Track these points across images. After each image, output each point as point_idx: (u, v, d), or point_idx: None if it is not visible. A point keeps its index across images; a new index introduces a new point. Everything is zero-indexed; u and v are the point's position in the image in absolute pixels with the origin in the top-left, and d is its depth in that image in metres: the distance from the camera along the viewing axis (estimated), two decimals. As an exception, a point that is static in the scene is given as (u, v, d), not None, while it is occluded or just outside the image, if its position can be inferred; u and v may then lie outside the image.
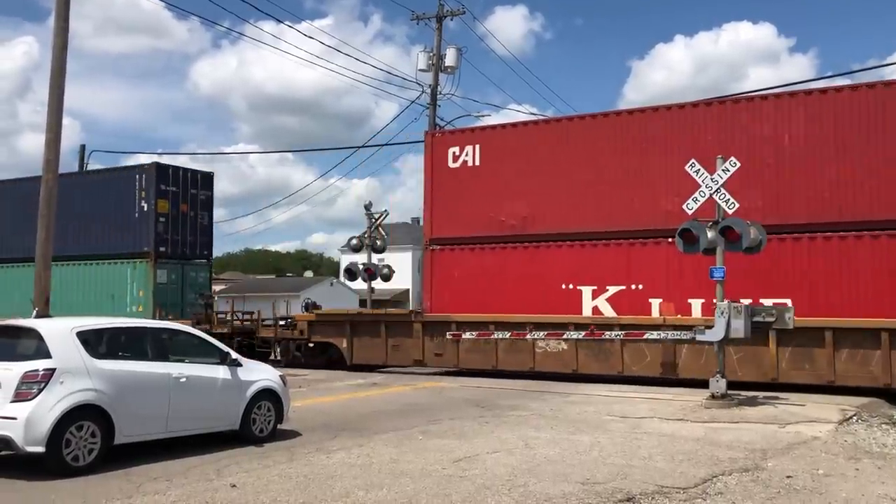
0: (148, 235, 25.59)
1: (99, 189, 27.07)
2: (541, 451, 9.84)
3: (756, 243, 14.52)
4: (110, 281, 26.23)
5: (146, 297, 25.07)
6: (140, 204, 25.96)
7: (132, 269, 25.82)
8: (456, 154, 21.14)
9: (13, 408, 8.24)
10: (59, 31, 16.01)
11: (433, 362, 20.64)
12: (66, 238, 25.14)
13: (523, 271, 19.87)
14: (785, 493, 7.84)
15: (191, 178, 26.88)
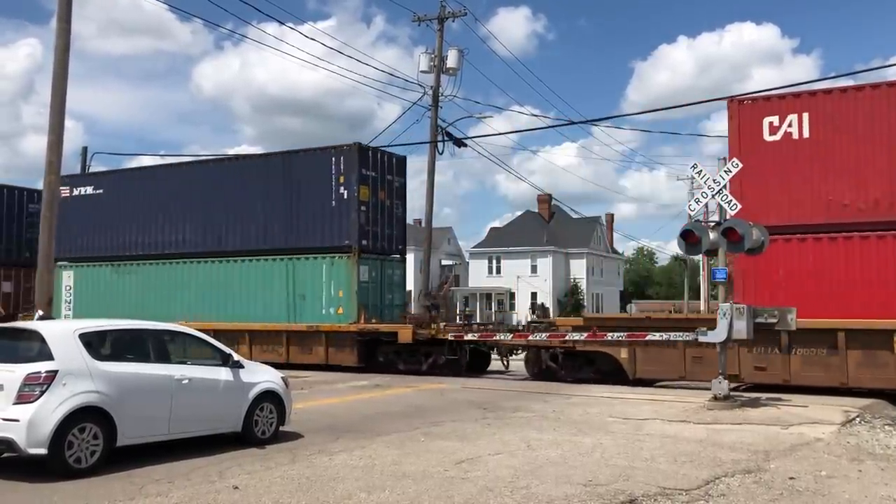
0: (349, 227, 22.00)
1: (285, 174, 23.33)
2: (543, 452, 9.83)
3: (758, 244, 14.51)
4: (301, 279, 22.69)
5: (347, 298, 21.82)
6: (339, 191, 22.22)
7: (329, 265, 22.27)
8: (774, 125, 17.35)
9: (16, 410, 8.24)
10: (61, 32, 16.05)
11: (752, 378, 17.00)
12: (245, 231, 23.64)
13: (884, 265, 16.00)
14: (788, 494, 7.82)
15: (387, 163, 23.42)
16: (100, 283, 26.30)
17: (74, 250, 26.58)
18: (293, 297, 22.72)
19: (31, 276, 28.89)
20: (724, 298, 14.30)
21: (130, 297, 25.21)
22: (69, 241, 25.97)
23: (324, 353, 21.69)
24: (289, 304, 22.73)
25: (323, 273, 22.40)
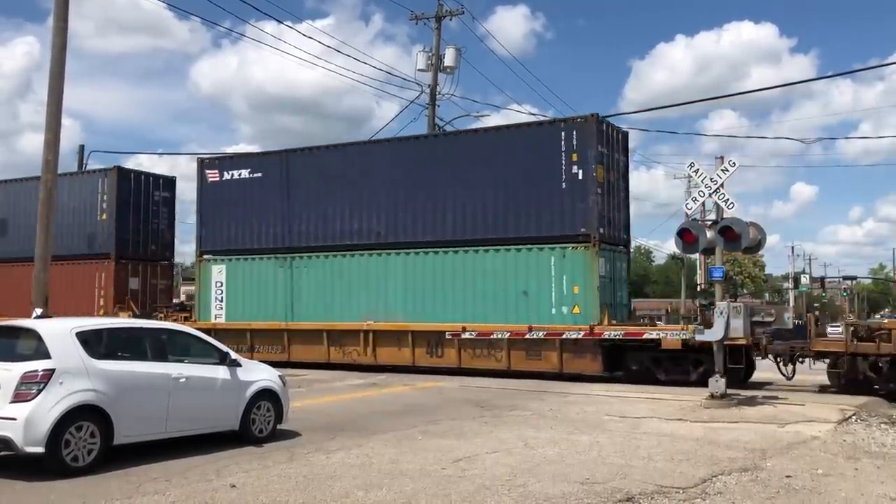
0: (585, 212, 18.85)
1: (498, 153, 20.23)
2: (540, 450, 9.84)
3: (755, 243, 14.54)
4: (522, 274, 19.48)
5: (585, 295, 18.64)
6: (571, 170, 19.06)
7: (559, 257, 19.07)
8: None
9: (13, 408, 8.23)
10: (57, 31, 16.01)
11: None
12: (446, 218, 20.79)
13: None
14: (784, 492, 7.84)
15: (615, 138, 20.40)
16: (259, 278, 23.29)
17: (225, 241, 23.94)
18: (512, 294, 19.56)
19: (157, 272, 27.50)
20: (720, 297, 14.33)
21: (302, 293, 22.58)
22: (219, 231, 23.97)
23: (557, 359, 18.80)
24: (507, 302, 19.62)
25: (551, 266, 19.19)
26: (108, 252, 26.24)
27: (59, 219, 25.86)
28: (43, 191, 15.93)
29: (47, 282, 15.72)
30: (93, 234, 26.62)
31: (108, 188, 26.51)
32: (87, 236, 26.69)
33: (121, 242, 26.30)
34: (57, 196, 21.64)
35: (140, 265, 27.05)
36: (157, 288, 27.59)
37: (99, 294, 26.11)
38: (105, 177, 26.75)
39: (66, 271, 25.47)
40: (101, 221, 26.51)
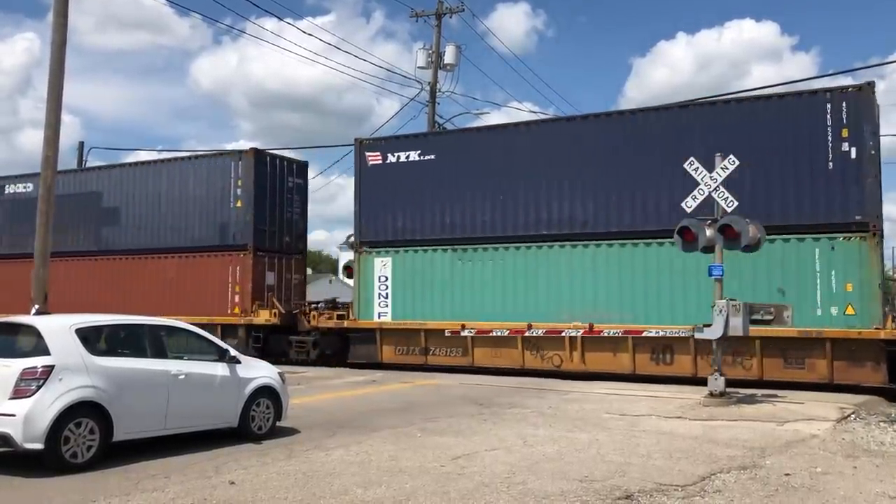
0: (863, 197, 16.34)
1: (733, 130, 17.33)
2: (539, 448, 9.84)
3: (755, 241, 14.52)
4: (776, 268, 16.69)
5: (861, 294, 16.10)
6: (840, 147, 16.59)
7: (825, 249, 16.45)
8: None
9: (12, 405, 8.23)
10: (57, 27, 15.99)
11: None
12: (654, 205, 18.14)
13: None
14: (783, 490, 7.85)
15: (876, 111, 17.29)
16: (434, 271, 20.82)
17: (390, 231, 21.50)
18: (767, 290, 16.70)
19: (291, 265, 24.63)
20: (719, 295, 14.31)
21: (485, 289, 20.12)
22: (381, 219, 21.59)
23: (826, 368, 16.40)
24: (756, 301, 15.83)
25: (815, 259, 16.59)
26: (244, 244, 23.36)
27: (184, 207, 24.34)
28: (42, 188, 15.91)
29: (47, 278, 15.69)
30: (225, 224, 23.84)
31: (244, 172, 23.58)
32: (218, 226, 23.92)
33: (258, 233, 23.42)
34: (185, 178, 24.47)
35: (276, 258, 24.16)
36: (291, 283, 24.73)
37: (233, 290, 23.41)
38: (240, 160, 23.70)
39: (193, 265, 23.95)
40: (237, 210, 23.58)
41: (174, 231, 24.71)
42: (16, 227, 27.28)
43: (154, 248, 24.97)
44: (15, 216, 27.60)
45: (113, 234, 25.99)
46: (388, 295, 21.42)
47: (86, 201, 26.45)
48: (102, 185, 26.47)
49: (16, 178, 28.34)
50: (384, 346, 21.41)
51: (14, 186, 28.18)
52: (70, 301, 22.54)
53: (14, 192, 28.15)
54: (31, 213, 24.26)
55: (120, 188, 26.03)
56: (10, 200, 28.23)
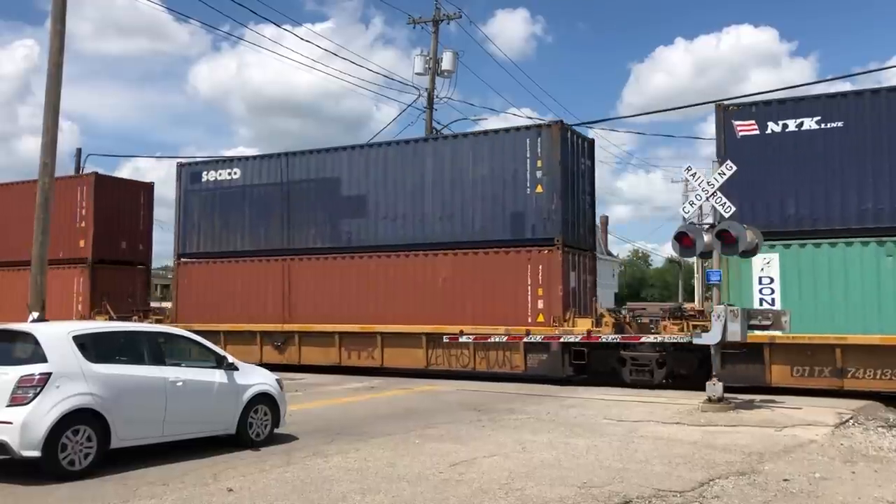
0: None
1: None
2: (537, 454, 9.83)
3: (752, 246, 14.54)
4: None
5: None
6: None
7: None
8: None
9: (9, 412, 8.21)
10: (55, 34, 16.03)
11: None
12: None
13: None
14: (782, 496, 7.84)
15: None
16: (856, 271, 16.05)
17: (778, 220, 16.87)
18: None
19: (586, 264, 20.60)
20: (717, 300, 14.33)
21: None
22: (761, 204, 16.98)
23: None
24: None
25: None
26: (550, 237, 19.24)
27: (460, 193, 20.27)
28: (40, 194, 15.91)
29: (45, 285, 15.68)
30: (519, 214, 19.82)
31: (546, 151, 19.49)
32: (509, 216, 19.95)
33: (565, 225, 19.50)
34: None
35: (577, 255, 20.19)
36: (587, 285, 20.74)
37: (534, 294, 19.29)
38: (539, 136, 19.72)
39: (474, 263, 20.09)
40: (536, 196, 19.58)
41: (446, 223, 20.59)
42: (217, 220, 24.03)
43: (416, 244, 20.88)
44: (215, 208, 24.07)
45: (358, 228, 21.78)
46: (775, 300, 16.77)
47: (320, 189, 22.52)
48: (341, 169, 22.32)
49: (217, 164, 24.65)
50: (773, 364, 16.71)
51: (215, 173, 24.18)
52: (311, 310, 21.86)
53: (216, 180, 24.09)
54: (239, 203, 23.46)
55: (366, 172, 21.87)
56: (207, 189, 24.25)
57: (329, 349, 21.71)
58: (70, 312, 25.34)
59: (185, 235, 24.49)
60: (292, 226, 22.83)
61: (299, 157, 23.00)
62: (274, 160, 23.38)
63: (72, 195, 26.14)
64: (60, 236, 24.64)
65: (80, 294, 25.85)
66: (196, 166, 24.98)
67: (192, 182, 24.52)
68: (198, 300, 23.85)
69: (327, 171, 22.50)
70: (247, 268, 23.28)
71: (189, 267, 24.48)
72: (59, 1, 16.04)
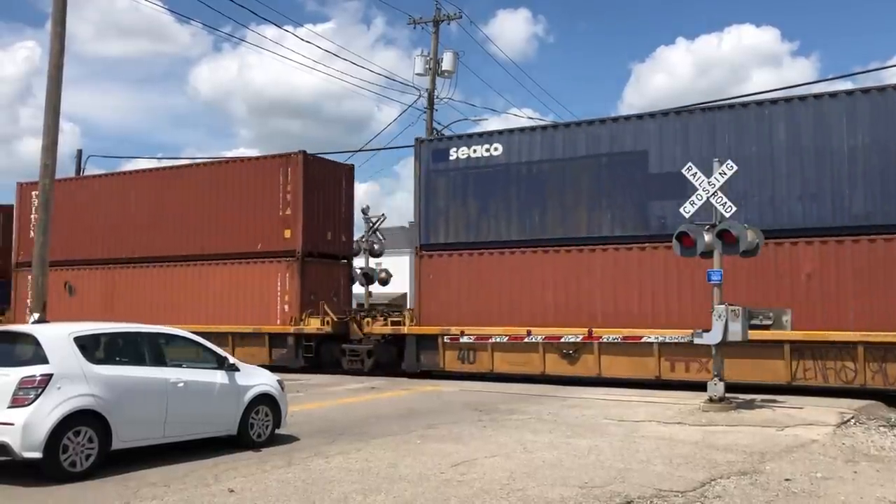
0: None
1: None
2: (539, 455, 9.83)
3: (753, 246, 14.53)
4: None
5: None
6: None
7: None
8: None
9: (10, 413, 8.21)
10: (55, 35, 16.03)
11: None
12: None
13: None
14: (783, 496, 7.84)
15: None
16: None
17: None
18: None
19: None
20: (718, 300, 14.31)
21: None
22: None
23: None
24: None
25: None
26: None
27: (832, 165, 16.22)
28: (41, 195, 15.91)
29: (46, 286, 15.68)
30: None
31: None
32: None
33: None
34: None
35: None
36: None
37: None
38: None
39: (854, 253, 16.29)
40: None
41: (809, 203, 16.73)
42: (472, 204, 20.40)
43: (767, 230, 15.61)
44: (468, 190, 20.44)
45: (674, 211, 16.08)
46: None
47: (616, 165, 18.92)
48: (648, 141, 18.54)
49: (469, 139, 20.99)
50: None
51: (467, 150, 20.56)
52: (611, 312, 18.16)
53: (467, 158, 20.50)
54: (501, 185, 19.68)
55: (683, 142, 18.03)
56: (457, 169, 20.61)
57: (644, 360, 17.68)
58: (272, 315, 22.37)
59: (429, 223, 20.78)
60: (578, 210, 19.09)
61: (585, 129, 19.47)
62: (549, 133, 20.02)
63: (273, 179, 22.78)
64: (258, 226, 22.72)
65: (286, 293, 22.26)
66: (440, 143, 21.50)
67: (435, 161, 20.83)
68: (448, 298, 20.19)
69: (627, 144, 18.73)
70: (515, 260, 19.60)
71: (435, 260, 20.63)
72: (60, 3, 16.05)
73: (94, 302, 25.31)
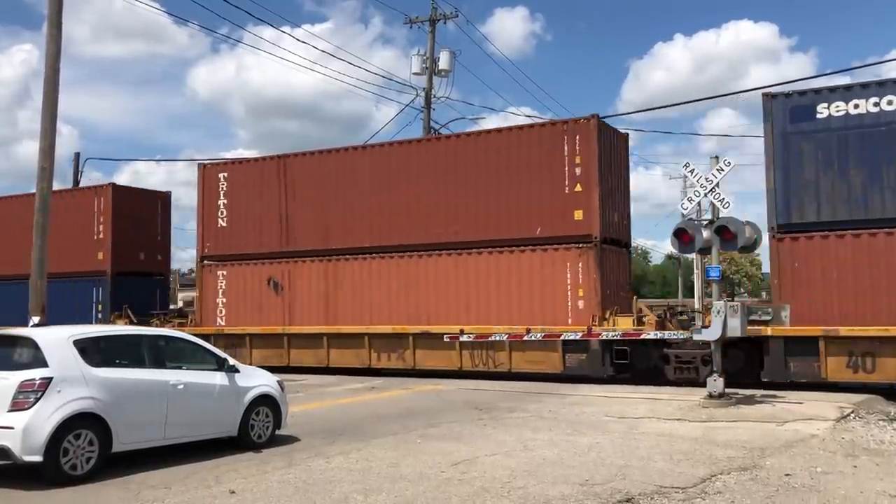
0: None
1: None
2: (539, 452, 9.84)
3: (751, 242, 14.56)
4: None
5: None
6: None
7: None
8: None
9: (10, 417, 8.22)
10: (51, 37, 16.00)
11: None
12: None
13: None
14: (784, 491, 7.85)
15: None
16: None
17: None
18: None
19: None
20: (717, 296, 14.33)
21: None
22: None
23: None
24: None
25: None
26: None
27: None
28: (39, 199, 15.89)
29: (44, 290, 15.66)
30: None
31: None
32: None
33: None
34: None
35: None
36: None
37: None
38: None
39: None
40: None
41: None
42: (855, 173, 16.23)
43: None
44: (848, 156, 16.30)
45: None
46: None
47: None
48: None
49: (850, 91, 16.50)
50: None
51: (845, 105, 16.39)
52: None
53: (845, 115, 16.36)
54: None
55: None
56: (829, 130, 16.46)
57: None
58: (560, 313, 18.83)
59: (790, 198, 16.68)
60: None
61: None
62: None
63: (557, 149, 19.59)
64: (536, 207, 19.75)
65: (579, 286, 18.70)
66: (802, 97, 16.98)
67: (794, 120, 16.87)
68: (818, 292, 16.00)
69: None
70: None
71: (802, 244, 16.31)
72: (55, 5, 16.03)
73: (308, 299, 21.93)
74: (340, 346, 21.05)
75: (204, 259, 23.59)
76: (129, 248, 26.19)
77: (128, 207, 26.33)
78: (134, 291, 25.75)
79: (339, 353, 21.00)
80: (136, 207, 26.66)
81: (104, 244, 25.85)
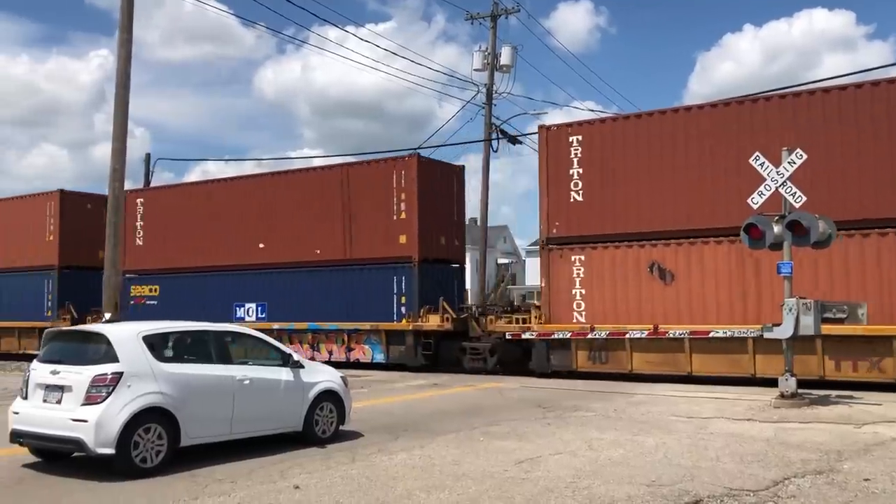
0: None
1: None
2: (604, 452, 9.67)
3: (825, 237, 14.04)
4: None
5: None
6: None
7: None
8: None
9: (84, 410, 8.47)
10: (122, 42, 16.48)
11: None
12: None
13: None
14: (863, 496, 7.52)
15: None
16: None
17: None
18: None
19: None
20: (789, 293, 13.87)
21: None
22: None
23: None
24: None
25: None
26: None
27: None
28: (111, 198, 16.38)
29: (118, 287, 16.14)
30: None
31: None
32: None
33: None
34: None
35: None
36: None
37: None
38: None
39: None
40: None
41: None
42: None
43: None
44: None
45: None
46: None
47: None
48: None
49: None
50: None
51: None
52: None
53: None
54: None
55: None
56: None
57: None
58: None
59: None
60: None
61: None
62: None
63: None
64: None
65: None
66: None
67: None
68: None
69: None
70: None
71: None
72: (126, 11, 16.49)
73: (704, 290, 17.67)
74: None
75: (549, 241, 19.86)
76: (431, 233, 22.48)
77: (428, 182, 22.35)
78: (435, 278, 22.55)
79: None
80: (436, 181, 22.74)
81: (409, 227, 21.96)
